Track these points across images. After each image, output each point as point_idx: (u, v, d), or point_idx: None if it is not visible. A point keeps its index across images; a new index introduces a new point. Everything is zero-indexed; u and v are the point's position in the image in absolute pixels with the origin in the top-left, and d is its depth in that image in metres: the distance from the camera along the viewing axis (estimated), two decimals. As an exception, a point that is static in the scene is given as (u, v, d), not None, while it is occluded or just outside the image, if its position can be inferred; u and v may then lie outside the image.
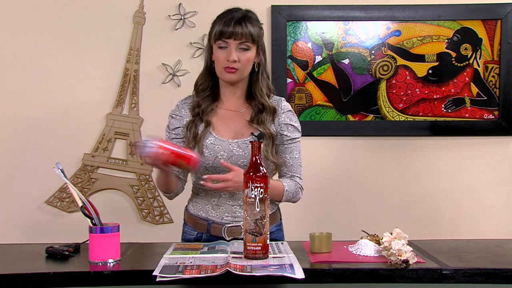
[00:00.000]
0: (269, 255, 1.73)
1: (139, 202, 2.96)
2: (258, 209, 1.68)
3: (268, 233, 1.72)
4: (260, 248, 1.69)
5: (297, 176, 2.08)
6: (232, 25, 1.96)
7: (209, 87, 2.08)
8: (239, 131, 2.03)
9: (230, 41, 1.97)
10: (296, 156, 2.08)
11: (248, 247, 1.70)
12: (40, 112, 2.93)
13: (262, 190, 1.69)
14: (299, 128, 2.10)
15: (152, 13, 2.93)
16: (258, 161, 1.72)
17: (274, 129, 2.04)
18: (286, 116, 2.07)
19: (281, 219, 2.17)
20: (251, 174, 1.70)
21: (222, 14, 2.03)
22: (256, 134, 1.97)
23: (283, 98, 2.12)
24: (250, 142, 1.76)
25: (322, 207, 2.99)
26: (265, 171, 1.71)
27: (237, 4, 2.09)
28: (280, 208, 2.16)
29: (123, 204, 2.97)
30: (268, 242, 1.72)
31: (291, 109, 2.11)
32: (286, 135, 2.06)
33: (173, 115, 2.10)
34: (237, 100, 2.08)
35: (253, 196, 1.68)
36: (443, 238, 2.56)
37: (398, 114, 2.97)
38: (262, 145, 1.78)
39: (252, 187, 1.69)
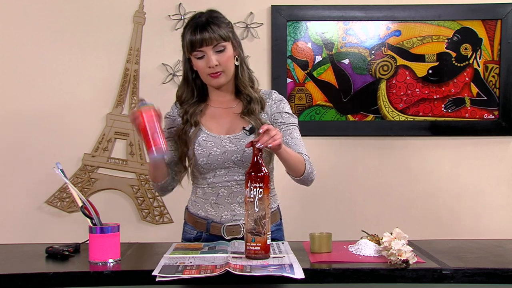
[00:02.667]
0: (270, 255, 1.73)
1: (139, 202, 2.96)
2: (257, 209, 1.68)
3: (269, 233, 1.72)
4: (259, 248, 1.69)
5: (304, 154, 1.99)
6: (199, 32, 1.94)
7: (193, 96, 2.07)
8: (231, 127, 2.03)
9: (203, 48, 1.95)
10: (297, 137, 2.03)
11: (248, 247, 1.70)
12: (40, 112, 2.93)
13: (261, 190, 1.69)
14: (294, 115, 2.08)
15: (152, 13, 2.93)
16: (260, 161, 1.72)
17: (267, 120, 2.03)
18: (278, 105, 2.06)
19: (281, 219, 2.16)
20: (252, 174, 1.70)
21: (187, 23, 2.01)
22: (247, 128, 1.97)
23: (274, 91, 2.12)
24: (251, 142, 1.75)
25: (322, 207, 2.99)
26: (266, 171, 1.71)
27: (237, 4, 2.10)
28: (280, 208, 2.16)
29: (123, 204, 2.97)
30: (269, 242, 1.71)
31: (283, 98, 2.10)
32: (281, 122, 2.04)
33: (167, 116, 2.12)
34: (226, 98, 2.08)
35: (252, 196, 1.69)
36: (443, 238, 2.55)
37: (398, 114, 2.97)
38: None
39: (251, 187, 1.69)
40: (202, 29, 1.95)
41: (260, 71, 2.91)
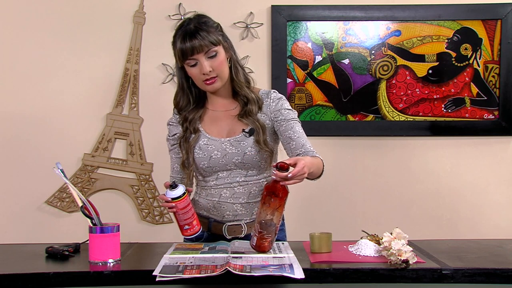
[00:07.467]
0: (269, 255, 1.75)
1: (139, 202, 2.97)
2: (260, 213, 1.75)
3: (268, 235, 1.75)
4: (255, 244, 1.78)
5: (310, 148, 1.97)
6: (189, 40, 1.92)
7: (190, 103, 2.06)
8: (231, 129, 2.03)
9: (195, 56, 1.93)
10: (300, 131, 2.01)
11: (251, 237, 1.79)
12: (40, 112, 2.93)
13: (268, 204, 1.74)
14: (293, 110, 2.06)
15: (152, 13, 2.93)
16: (275, 188, 1.72)
17: (266, 120, 2.03)
18: (277, 103, 2.04)
19: (283, 219, 2.16)
20: (265, 190, 1.74)
21: (176, 32, 1.98)
22: (247, 130, 1.98)
23: (273, 90, 2.10)
24: (275, 165, 1.72)
25: (322, 207, 2.99)
26: (278, 197, 1.72)
27: (237, 4, 2.09)
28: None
29: (123, 204, 2.98)
30: (265, 243, 1.76)
31: (282, 96, 2.08)
32: (282, 119, 2.02)
33: (170, 123, 2.12)
34: (225, 100, 2.07)
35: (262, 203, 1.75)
36: (443, 238, 2.56)
37: (398, 114, 2.97)
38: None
39: (264, 198, 1.74)
40: (192, 36, 1.92)
41: (260, 71, 2.91)
